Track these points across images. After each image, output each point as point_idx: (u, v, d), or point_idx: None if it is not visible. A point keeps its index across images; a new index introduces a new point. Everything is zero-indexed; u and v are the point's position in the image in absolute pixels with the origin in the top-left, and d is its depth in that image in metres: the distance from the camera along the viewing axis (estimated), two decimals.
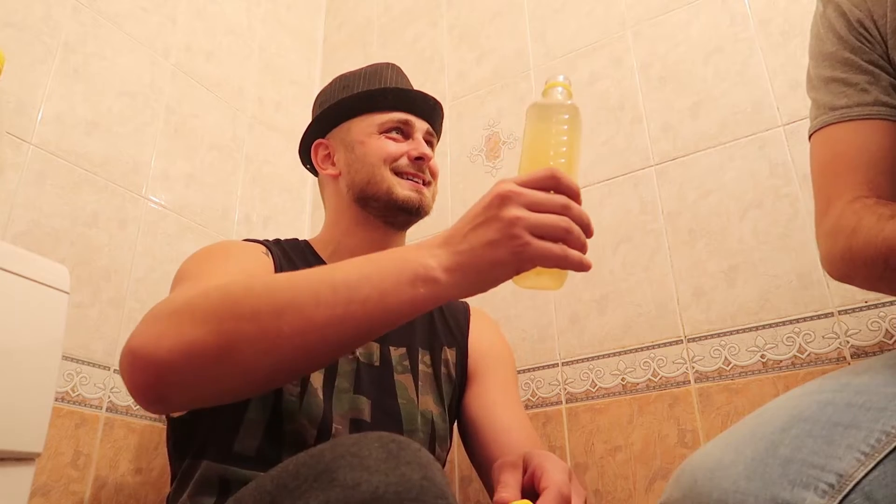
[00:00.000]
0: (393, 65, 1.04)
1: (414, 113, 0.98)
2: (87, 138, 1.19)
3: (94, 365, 1.09)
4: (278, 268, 0.86)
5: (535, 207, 0.58)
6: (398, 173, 0.94)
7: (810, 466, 0.52)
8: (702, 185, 1.16)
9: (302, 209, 1.66)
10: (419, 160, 0.95)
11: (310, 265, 0.91)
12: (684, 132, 1.21)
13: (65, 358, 1.04)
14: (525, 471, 0.70)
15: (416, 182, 0.94)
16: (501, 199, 0.58)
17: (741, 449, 0.57)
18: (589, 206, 0.66)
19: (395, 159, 0.94)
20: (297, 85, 1.76)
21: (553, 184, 0.59)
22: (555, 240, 0.57)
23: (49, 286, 0.89)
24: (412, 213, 0.94)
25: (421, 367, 0.92)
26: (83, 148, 1.18)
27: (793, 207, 1.06)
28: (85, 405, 1.07)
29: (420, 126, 0.98)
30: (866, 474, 0.51)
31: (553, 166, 0.61)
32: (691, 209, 1.15)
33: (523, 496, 0.67)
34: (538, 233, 0.57)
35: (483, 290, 0.60)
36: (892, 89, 0.72)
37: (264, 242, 0.91)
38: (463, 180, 1.45)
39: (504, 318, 1.26)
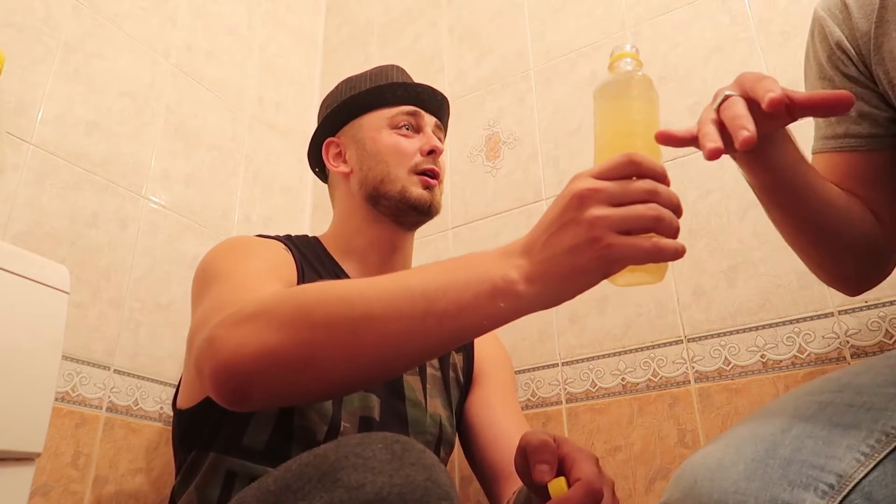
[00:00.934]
0: (398, 66, 1.04)
1: (422, 106, 0.98)
2: (87, 138, 1.19)
3: (94, 365, 1.09)
4: (298, 264, 0.86)
5: (617, 200, 0.51)
6: (412, 171, 0.94)
7: (810, 467, 0.53)
8: (702, 185, 1.16)
9: (302, 209, 1.66)
10: (431, 153, 0.95)
11: (323, 263, 0.92)
12: None
13: (65, 358, 1.04)
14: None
15: (430, 178, 0.94)
16: (579, 199, 0.52)
17: (741, 449, 0.57)
18: None
19: (409, 157, 0.94)
20: (297, 85, 1.76)
21: (634, 169, 0.52)
22: (645, 231, 0.51)
23: (49, 286, 0.89)
24: (423, 212, 0.94)
25: (429, 369, 0.92)
26: (83, 148, 1.17)
27: None
28: (85, 405, 1.07)
29: (429, 120, 0.99)
30: (866, 475, 0.51)
31: (630, 150, 0.54)
32: (691, 209, 1.15)
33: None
34: (624, 228, 0.51)
35: (567, 299, 0.54)
36: (859, 118, 0.77)
37: (278, 238, 0.91)
38: (463, 180, 1.45)
39: None
